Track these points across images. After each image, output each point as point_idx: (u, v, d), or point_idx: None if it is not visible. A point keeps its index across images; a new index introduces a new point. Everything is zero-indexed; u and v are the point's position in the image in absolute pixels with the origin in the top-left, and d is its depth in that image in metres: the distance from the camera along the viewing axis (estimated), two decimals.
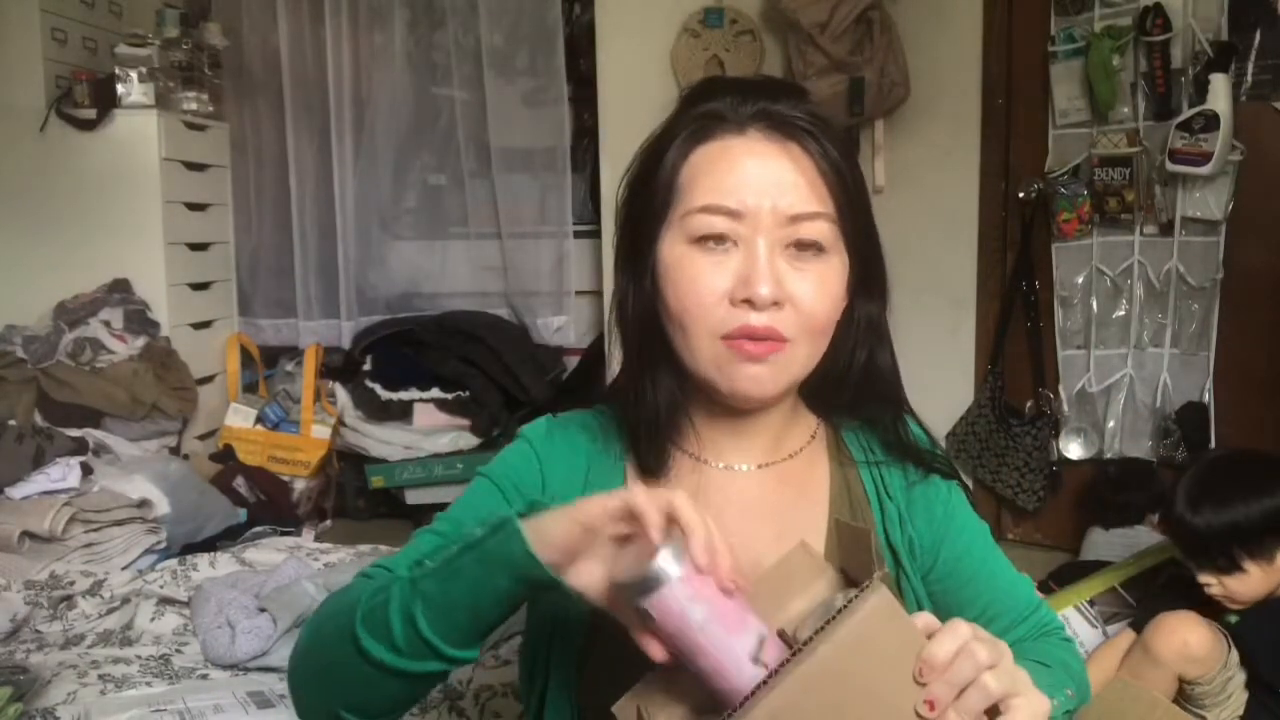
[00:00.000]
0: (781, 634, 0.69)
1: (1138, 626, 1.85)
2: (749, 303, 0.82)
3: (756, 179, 0.83)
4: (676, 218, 0.85)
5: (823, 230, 0.84)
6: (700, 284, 0.83)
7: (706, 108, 0.86)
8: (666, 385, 0.90)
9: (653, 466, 0.91)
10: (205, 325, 3.45)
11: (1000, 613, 0.96)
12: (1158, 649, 1.71)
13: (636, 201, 0.90)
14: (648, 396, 0.89)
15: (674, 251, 0.85)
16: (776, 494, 0.93)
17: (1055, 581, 2.41)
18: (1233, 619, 1.76)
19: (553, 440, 0.94)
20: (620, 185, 0.93)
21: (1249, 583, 1.70)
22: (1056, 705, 0.83)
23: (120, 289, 3.13)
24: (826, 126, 0.85)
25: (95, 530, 2.34)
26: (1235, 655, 1.71)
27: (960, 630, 0.67)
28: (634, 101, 3.26)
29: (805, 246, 0.84)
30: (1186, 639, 1.70)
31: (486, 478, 0.93)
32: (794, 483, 0.94)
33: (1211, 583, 1.73)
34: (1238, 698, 1.72)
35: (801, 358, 0.86)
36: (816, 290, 0.84)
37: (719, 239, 0.83)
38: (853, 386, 0.93)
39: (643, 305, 0.89)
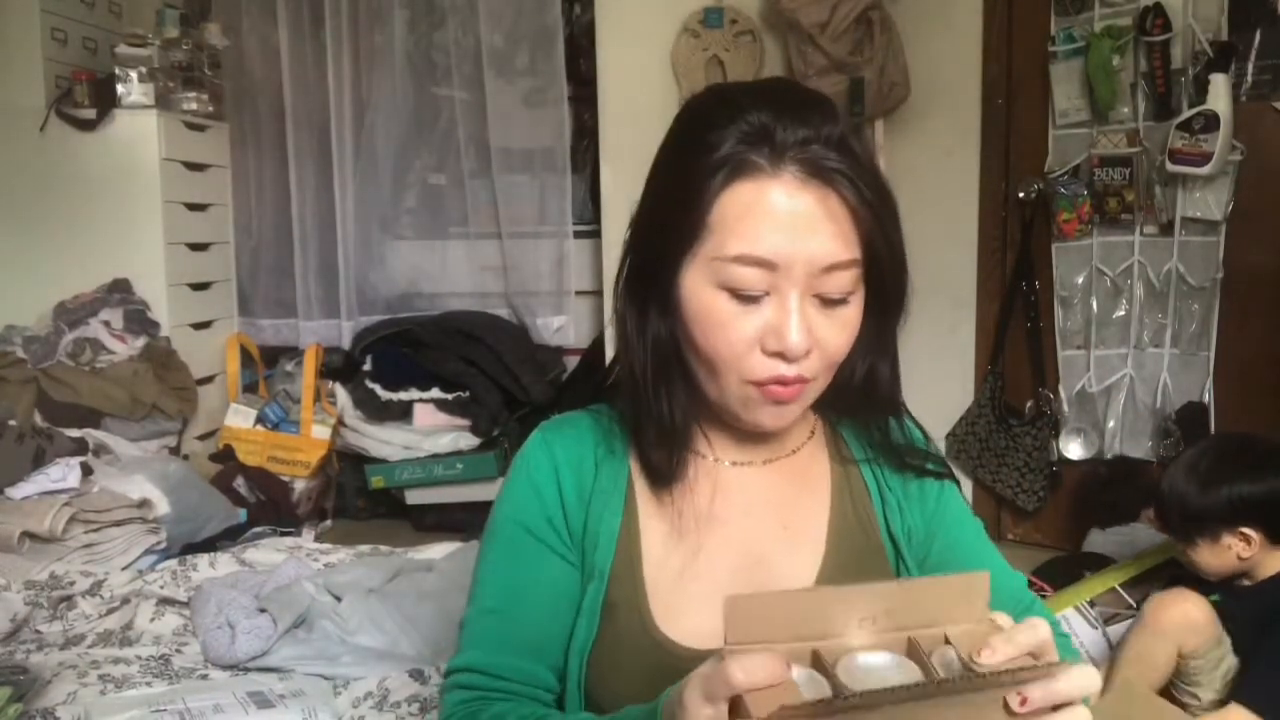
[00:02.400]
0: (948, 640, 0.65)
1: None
2: (780, 354, 0.83)
3: (791, 227, 0.81)
4: (704, 256, 0.84)
5: (849, 280, 0.84)
6: (731, 333, 0.83)
7: (737, 146, 0.82)
8: (683, 402, 0.91)
9: (664, 472, 0.92)
10: (205, 325, 3.45)
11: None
12: (1161, 621, 1.78)
13: (656, 230, 0.88)
14: (664, 412, 0.90)
15: (702, 293, 0.84)
16: (781, 489, 0.95)
17: (1041, 577, 2.43)
18: (1214, 597, 1.83)
19: (554, 452, 0.95)
20: (636, 211, 0.91)
21: (1201, 555, 1.83)
22: None
23: (120, 289, 3.13)
24: (860, 164, 0.83)
25: (95, 530, 2.34)
26: (1225, 635, 1.79)
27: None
28: (634, 101, 3.26)
29: (832, 301, 0.84)
30: (1187, 610, 1.78)
31: (518, 526, 0.92)
32: (796, 478, 0.96)
33: (1180, 548, 1.89)
34: (1224, 679, 1.78)
35: (820, 387, 0.89)
36: (841, 333, 0.86)
37: (751, 296, 0.83)
38: (852, 393, 0.95)
39: (659, 331, 0.89)
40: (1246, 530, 1.77)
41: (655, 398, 0.90)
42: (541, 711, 0.86)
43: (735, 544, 0.92)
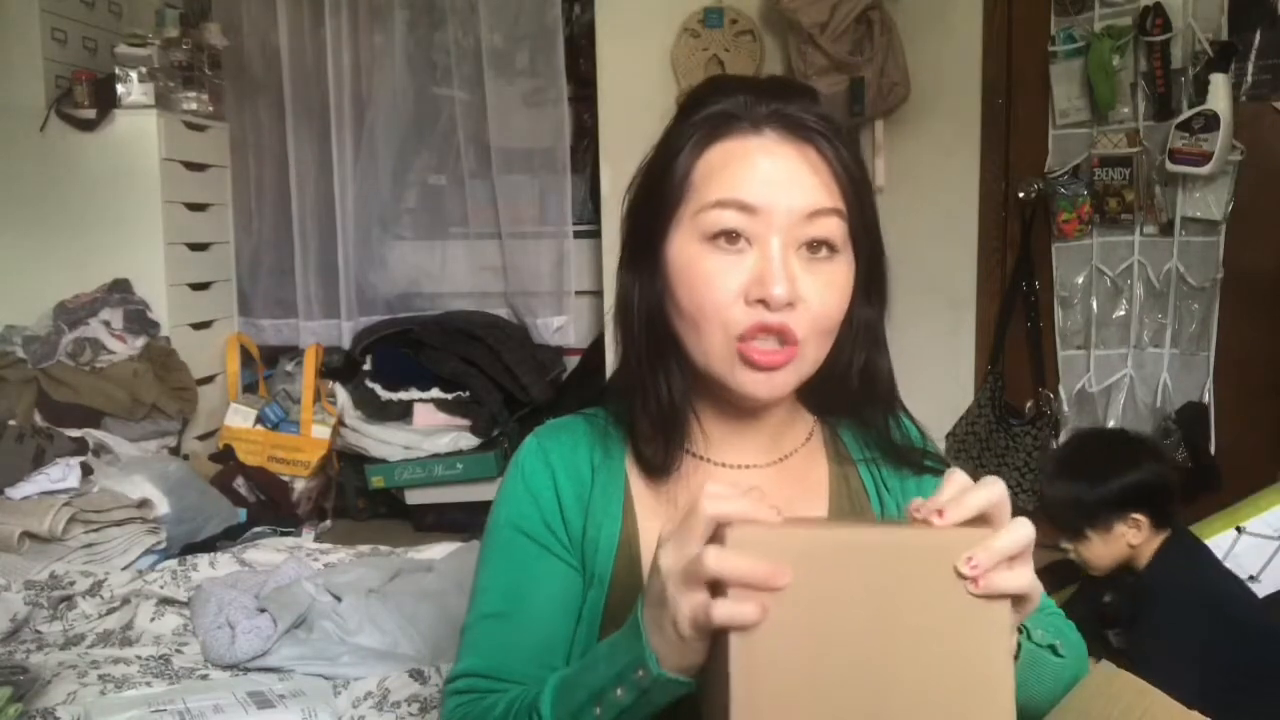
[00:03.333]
0: None
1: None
2: (764, 303, 0.82)
3: (771, 175, 0.83)
4: (688, 215, 0.85)
5: (835, 228, 0.85)
6: (715, 283, 0.83)
7: (720, 107, 0.86)
8: (678, 383, 0.90)
9: (659, 465, 0.91)
10: (205, 325, 3.45)
11: None
12: None
13: (646, 201, 0.90)
14: (660, 394, 0.89)
15: (686, 250, 0.85)
16: (777, 491, 0.94)
17: (1044, 578, 2.43)
18: (1106, 598, 1.93)
19: (550, 457, 0.94)
20: (629, 187, 0.93)
21: (1094, 549, 1.88)
22: (1040, 636, 0.84)
23: (120, 289, 3.13)
24: (838, 130, 0.86)
25: (95, 530, 2.34)
26: None
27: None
28: (634, 101, 3.26)
29: (817, 246, 0.84)
30: None
31: (516, 531, 0.92)
32: (793, 480, 0.96)
33: (1069, 548, 1.94)
34: None
35: (810, 359, 0.87)
36: (827, 290, 0.85)
37: (732, 237, 0.83)
38: (849, 389, 0.94)
39: (651, 303, 0.89)
40: (1136, 516, 1.84)
41: (652, 378, 0.89)
42: (525, 690, 0.84)
43: None
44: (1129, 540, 1.86)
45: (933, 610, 0.63)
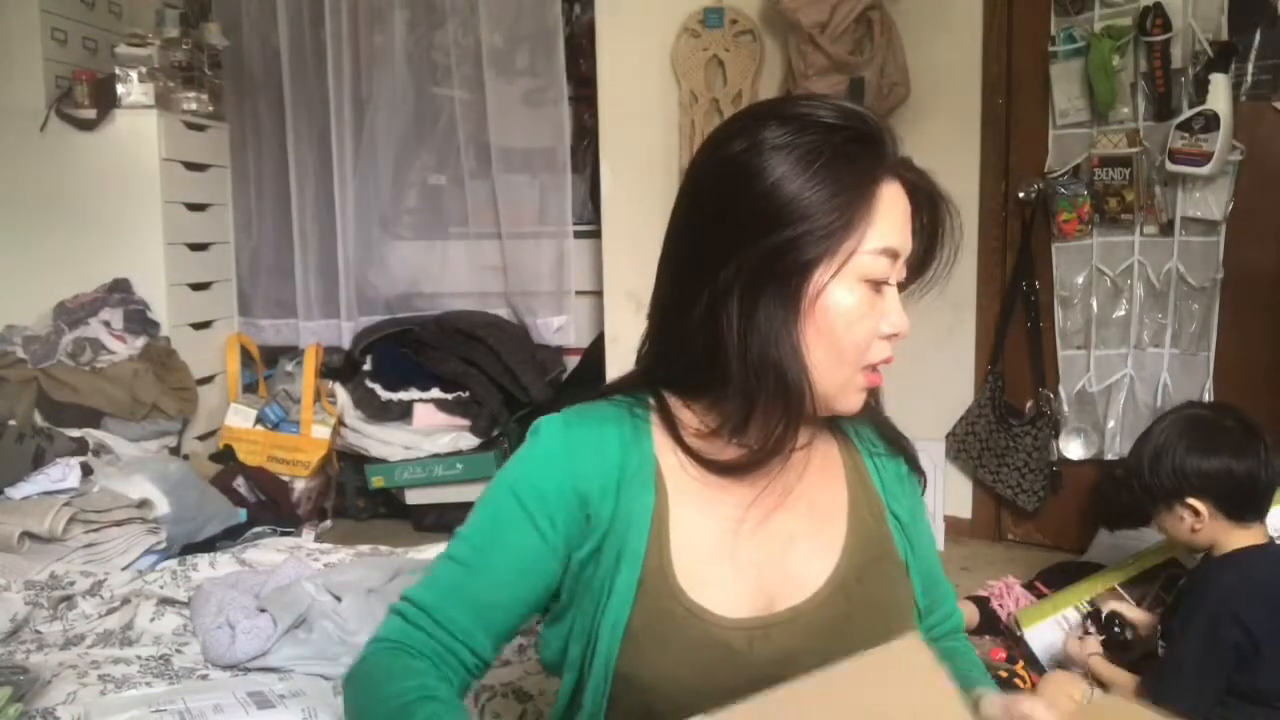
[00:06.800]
0: None
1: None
2: (892, 337, 0.93)
3: (904, 223, 0.93)
4: (845, 252, 0.89)
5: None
6: (869, 322, 0.91)
7: (869, 145, 0.91)
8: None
9: (772, 454, 0.93)
10: (205, 325, 3.45)
11: (939, 601, 1.09)
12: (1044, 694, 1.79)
13: (791, 231, 0.87)
14: (811, 400, 0.93)
15: (848, 289, 0.90)
16: (815, 472, 1.01)
17: (1042, 581, 2.42)
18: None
19: (573, 434, 0.96)
20: (727, 215, 0.91)
21: (1163, 522, 1.84)
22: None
23: (120, 289, 3.13)
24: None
25: (95, 530, 2.34)
26: None
27: None
28: (634, 101, 3.26)
29: (901, 286, 0.95)
30: (1057, 678, 1.87)
31: (508, 490, 0.95)
32: (819, 461, 1.03)
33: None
34: None
35: None
36: None
37: (882, 286, 0.92)
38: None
39: (790, 329, 0.89)
40: (1194, 502, 1.75)
41: (808, 389, 0.90)
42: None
43: (770, 524, 0.97)
44: (1190, 525, 1.77)
45: None
